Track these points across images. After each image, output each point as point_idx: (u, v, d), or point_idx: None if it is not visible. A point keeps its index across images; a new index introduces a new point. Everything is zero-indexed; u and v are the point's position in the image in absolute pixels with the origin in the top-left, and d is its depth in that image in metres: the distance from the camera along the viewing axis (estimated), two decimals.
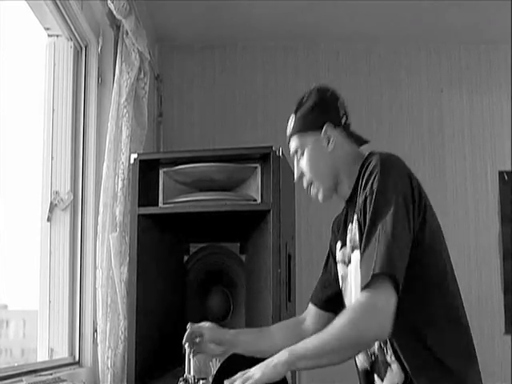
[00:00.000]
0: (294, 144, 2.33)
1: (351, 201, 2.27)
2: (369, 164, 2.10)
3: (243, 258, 3.49)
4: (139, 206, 3.21)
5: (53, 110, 3.37)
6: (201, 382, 2.26)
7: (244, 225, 3.32)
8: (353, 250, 2.19)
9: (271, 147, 3.13)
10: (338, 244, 2.40)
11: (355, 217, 2.16)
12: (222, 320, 3.54)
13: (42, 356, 3.20)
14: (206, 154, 3.31)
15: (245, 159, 3.26)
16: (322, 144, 2.26)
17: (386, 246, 1.91)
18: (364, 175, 2.09)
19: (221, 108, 4.89)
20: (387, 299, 1.87)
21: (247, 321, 3.41)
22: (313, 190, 2.34)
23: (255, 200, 3.23)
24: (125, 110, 3.38)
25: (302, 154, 2.31)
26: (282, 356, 1.91)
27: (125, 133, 3.36)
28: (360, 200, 2.08)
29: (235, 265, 3.50)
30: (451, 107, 4.95)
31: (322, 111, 2.30)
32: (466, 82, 5.00)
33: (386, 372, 2.14)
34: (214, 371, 2.58)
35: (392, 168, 2.08)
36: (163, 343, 3.34)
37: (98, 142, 3.48)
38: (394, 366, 2.09)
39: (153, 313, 3.29)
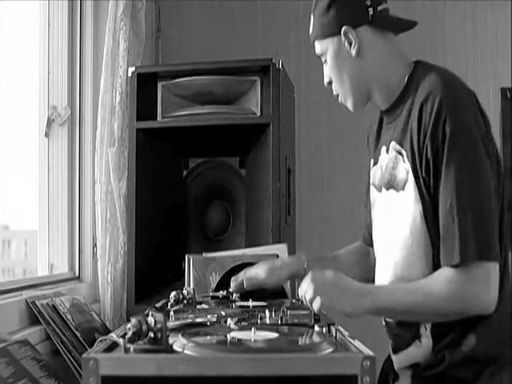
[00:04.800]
0: (317, 48, 2.12)
1: (390, 114, 2.08)
2: (430, 91, 1.88)
3: (243, 172, 3.49)
4: (137, 120, 3.18)
5: (48, 23, 3.30)
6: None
7: (244, 139, 3.30)
8: (388, 189, 2.04)
9: (271, 59, 3.07)
10: (371, 161, 2.23)
11: (393, 145, 2.00)
12: (221, 234, 3.56)
13: (42, 271, 3.21)
14: (205, 67, 3.24)
15: (244, 72, 3.21)
16: (344, 50, 2.03)
17: (479, 222, 1.75)
18: (426, 103, 1.87)
19: (220, 21, 4.80)
20: (488, 274, 1.74)
21: (247, 235, 3.42)
22: (341, 99, 2.15)
23: (255, 113, 3.19)
24: (122, 23, 3.31)
25: (326, 60, 2.10)
26: (363, 301, 1.78)
27: (122, 46, 3.29)
28: (419, 136, 1.87)
29: (235, 179, 3.50)
30: (454, 23, 4.87)
31: (340, 9, 2.01)
32: None
33: (408, 344, 1.99)
34: (213, 285, 2.59)
35: (463, 100, 1.87)
36: (163, 258, 3.36)
37: (95, 55, 3.42)
38: (425, 341, 1.95)
39: (152, 227, 3.30)
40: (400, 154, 1.97)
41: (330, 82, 2.13)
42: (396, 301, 1.82)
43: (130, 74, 3.22)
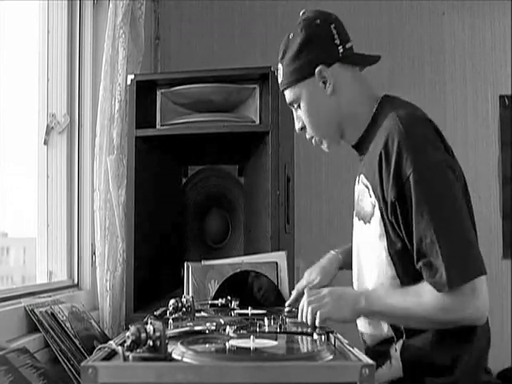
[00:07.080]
0: (287, 96, 2.12)
1: (358, 148, 2.10)
2: (388, 134, 1.85)
3: (242, 180, 3.50)
4: (136, 127, 3.17)
5: (48, 31, 3.30)
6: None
7: (243, 147, 3.31)
8: (358, 219, 2.04)
9: (270, 67, 3.06)
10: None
11: (362, 179, 2.00)
12: (220, 242, 3.55)
13: (41, 279, 3.21)
14: (204, 75, 3.25)
15: (243, 80, 3.22)
16: (319, 90, 2.04)
17: (461, 247, 1.75)
18: (385, 148, 1.85)
19: (219, 29, 4.81)
20: (474, 289, 1.72)
21: (245, 243, 3.42)
22: (316, 142, 2.15)
23: (254, 121, 3.20)
24: (121, 31, 3.31)
25: (299, 106, 2.10)
26: (357, 302, 1.85)
27: (121, 54, 3.30)
28: (382, 181, 1.86)
29: (234, 187, 3.51)
30: (452, 30, 4.88)
31: (311, 51, 2.03)
32: (468, 5, 4.92)
33: (379, 364, 1.97)
34: (212, 292, 2.59)
35: (420, 137, 1.85)
36: (162, 265, 3.36)
37: (94, 63, 3.43)
38: (395, 363, 1.94)
39: (151, 235, 3.29)
40: (366, 187, 1.97)
41: (303, 128, 2.15)
42: (388, 302, 1.84)
43: (129, 82, 3.22)
